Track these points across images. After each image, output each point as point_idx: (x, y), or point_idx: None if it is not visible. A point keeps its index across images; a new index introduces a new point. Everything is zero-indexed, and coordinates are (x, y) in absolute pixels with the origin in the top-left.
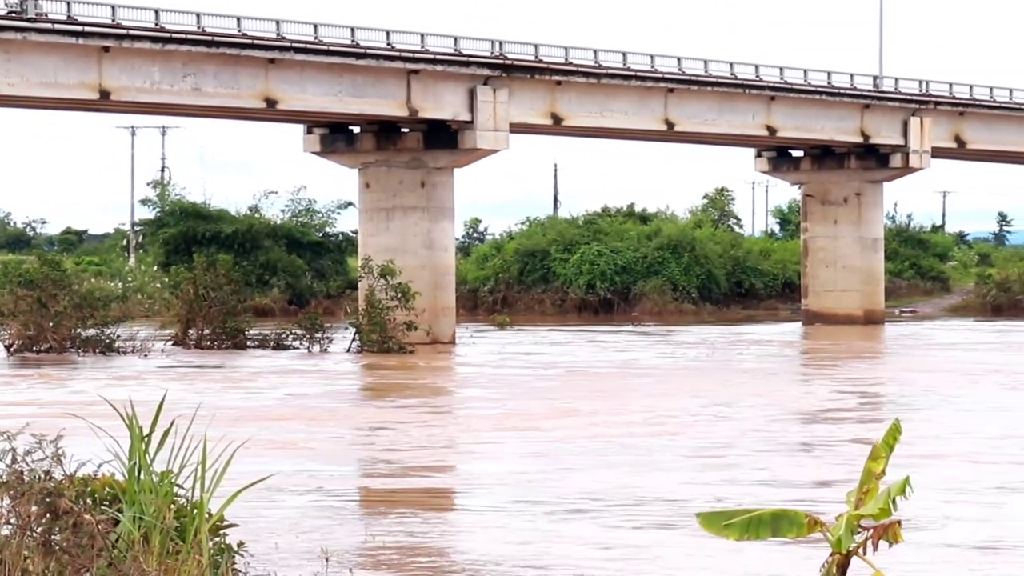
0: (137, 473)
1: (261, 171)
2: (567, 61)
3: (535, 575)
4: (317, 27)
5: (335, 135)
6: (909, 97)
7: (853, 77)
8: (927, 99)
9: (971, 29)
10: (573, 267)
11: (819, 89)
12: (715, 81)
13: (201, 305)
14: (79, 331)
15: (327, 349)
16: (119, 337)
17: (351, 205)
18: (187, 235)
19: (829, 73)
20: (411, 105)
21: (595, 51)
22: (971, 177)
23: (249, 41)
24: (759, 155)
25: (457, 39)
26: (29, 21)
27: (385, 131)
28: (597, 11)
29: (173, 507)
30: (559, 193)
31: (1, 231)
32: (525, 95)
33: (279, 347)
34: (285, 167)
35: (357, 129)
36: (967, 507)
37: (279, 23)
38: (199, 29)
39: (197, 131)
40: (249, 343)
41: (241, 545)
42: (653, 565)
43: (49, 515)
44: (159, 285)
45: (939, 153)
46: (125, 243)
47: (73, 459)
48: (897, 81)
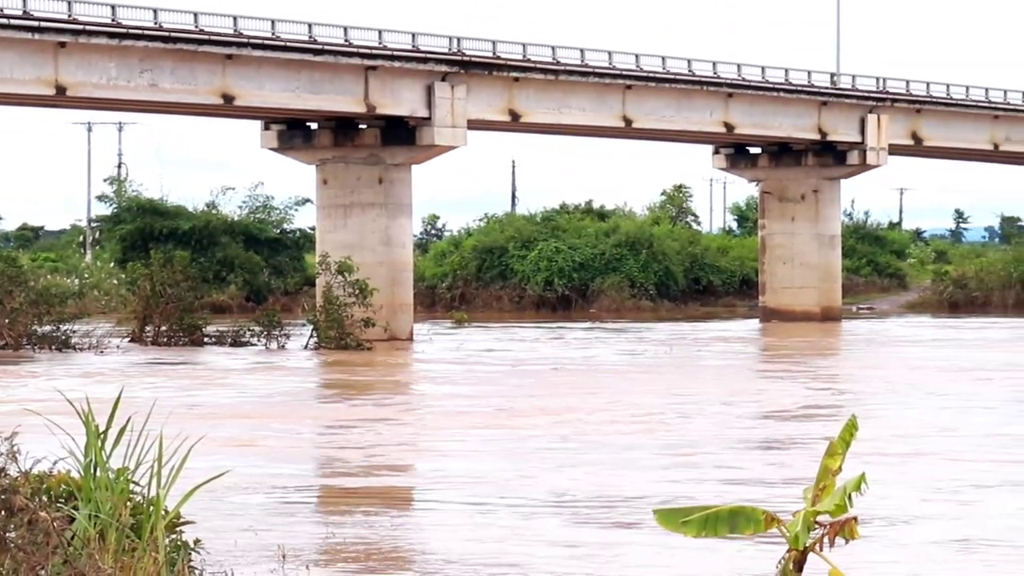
0: (93, 470)
1: (218, 167)
2: (525, 58)
3: (496, 572)
4: (275, 23)
5: (293, 131)
6: (866, 94)
7: (810, 74)
8: (884, 96)
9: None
10: (531, 264)
11: (777, 86)
12: (673, 78)
13: (158, 302)
14: (35, 328)
15: (284, 346)
16: (75, 334)
17: (309, 201)
18: (144, 231)
19: (787, 70)
20: (369, 102)
21: (553, 48)
22: (928, 174)
23: (206, 37)
24: (717, 152)
25: (415, 36)
26: None
27: (343, 127)
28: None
29: (129, 504)
30: (517, 190)
31: None
32: (483, 92)
33: (236, 344)
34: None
35: (315, 125)
36: (944, 505)
37: (236, 19)
38: (156, 25)
39: (154, 127)
40: (206, 340)
41: (198, 542)
42: (617, 564)
43: (4, 512)
44: (116, 282)
45: (896, 150)
46: (82, 239)
47: (28, 456)
48: (854, 78)
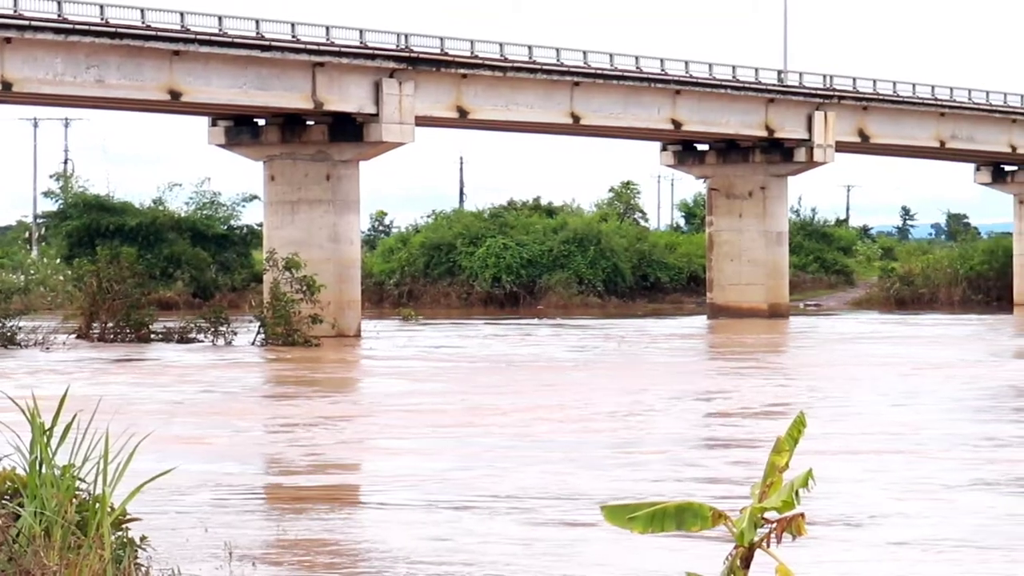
0: (38, 467)
1: (165, 163)
2: (473, 54)
3: (447, 570)
4: (222, 19)
5: (240, 127)
6: (813, 92)
7: (758, 71)
8: (831, 94)
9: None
10: (479, 260)
11: (724, 83)
12: (621, 75)
13: (104, 298)
14: None
15: (231, 342)
16: (21, 330)
17: (256, 198)
18: (90, 228)
19: (734, 67)
20: (316, 98)
21: (501, 44)
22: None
23: (153, 33)
24: (664, 149)
25: (363, 32)
26: None
27: (290, 124)
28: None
29: (75, 501)
30: (465, 186)
31: None
32: (431, 88)
33: (183, 340)
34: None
35: (262, 121)
36: (916, 504)
37: (183, 15)
38: (102, 21)
39: (101, 123)
40: (153, 336)
41: (144, 539)
42: (571, 562)
43: None
44: (62, 278)
45: (843, 147)
46: (27, 235)
47: None
48: (801, 76)
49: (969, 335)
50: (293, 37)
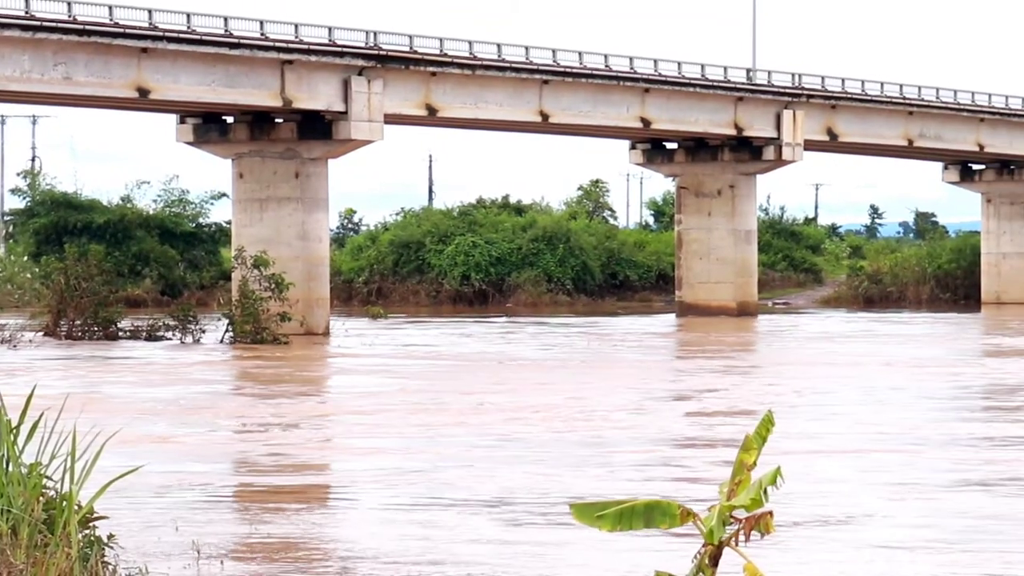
0: (5, 465)
1: (133, 161)
2: (442, 52)
3: (418, 570)
4: (190, 17)
5: (208, 125)
6: (782, 90)
7: (727, 70)
8: (800, 92)
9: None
10: (448, 258)
11: (693, 82)
12: (590, 73)
13: (72, 296)
14: None
15: (200, 340)
16: None
17: (225, 196)
18: (58, 225)
19: (703, 66)
20: (285, 95)
21: (470, 42)
22: (843, 170)
23: (121, 30)
24: (634, 147)
25: (331, 29)
26: None
27: (259, 121)
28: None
29: (42, 499)
30: (434, 184)
31: None
32: (400, 86)
33: (151, 338)
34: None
35: (231, 119)
36: (909, 504)
37: (151, 12)
38: (70, 18)
39: (68, 120)
40: (121, 334)
41: (111, 537)
42: (545, 561)
43: None
44: (29, 275)
45: (812, 146)
46: None
47: None
48: (770, 74)
49: (941, 333)
50: (262, 35)
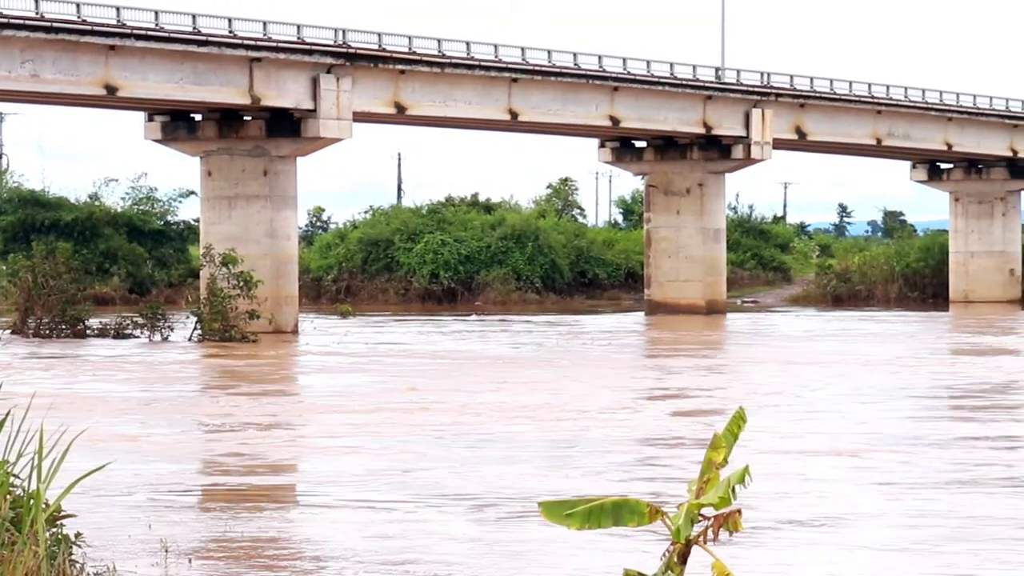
0: None
1: (101, 158)
2: (411, 50)
3: (387, 568)
4: (158, 14)
5: (176, 122)
6: (750, 89)
7: (696, 69)
8: (768, 91)
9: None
10: (417, 256)
11: (662, 80)
12: (559, 71)
13: (40, 293)
14: None
15: (168, 338)
16: None
17: (193, 193)
18: (26, 223)
19: (672, 64)
20: (254, 93)
21: (439, 40)
22: (812, 168)
23: (89, 27)
24: (603, 145)
25: (300, 27)
26: None
27: (227, 119)
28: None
29: (9, 497)
30: (403, 182)
31: None
32: (369, 84)
33: (119, 336)
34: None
35: (199, 117)
36: (897, 504)
37: (119, 9)
38: (37, 15)
39: (36, 118)
40: (89, 332)
41: (79, 536)
42: (519, 561)
43: None
44: None
45: (780, 144)
46: None
47: None
48: (739, 73)
49: (913, 332)
50: (230, 32)
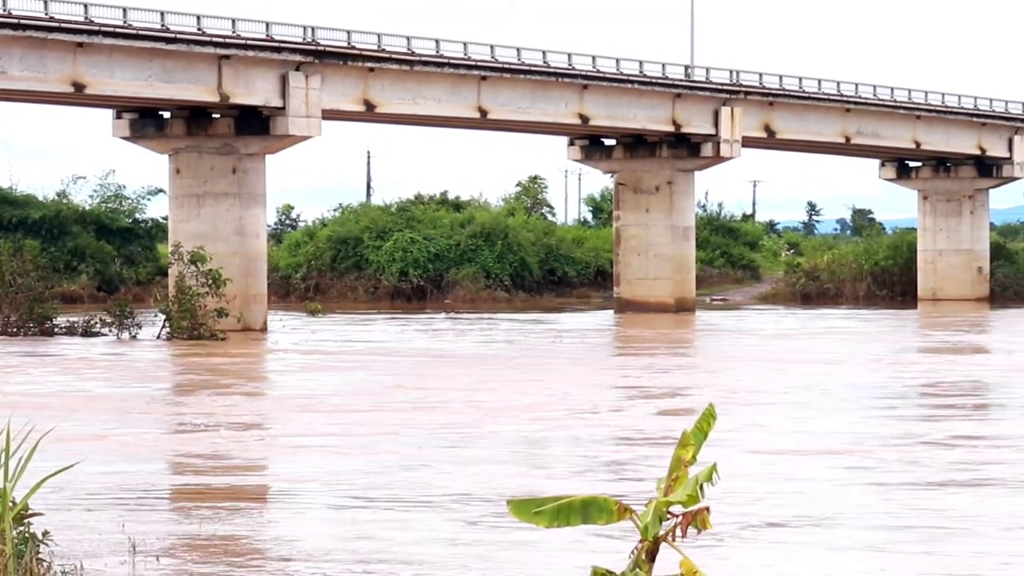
0: None
1: (69, 156)
2: (380, 48)
3: (350, 569)
4: (126, 11)
5: (145, 120)
6: (720, 87)
7: (665, 67)
8: (737, 89)
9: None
10: (386, 254)
11: (631, 78)
12: (528, 69)
13: (7, 291)
14: None
15: (136, 336)
16: None
17: (161, 191)
18: None
19: (641, 63)
20: (222, 91)
21: (408, 38)
22: (781, 166)
23: (56, 24)
24: (572, 143)
25: (269, 24)
26: None
27: (196, 117)
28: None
29: None
30: (372, 180)
31: None
32: (338, 81)
33: (87, 334)
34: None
35: (167, 114)
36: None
37: (87, 6)
38: (5, 12)
39: (3, 115)
40: (57, 330)
41: (46, 534)
42: (491, 561)
43: None
44: None
45: (749, 142)
46: None
47: None
48: (708, 71)
49: (886, 330)
50: (199, 29)
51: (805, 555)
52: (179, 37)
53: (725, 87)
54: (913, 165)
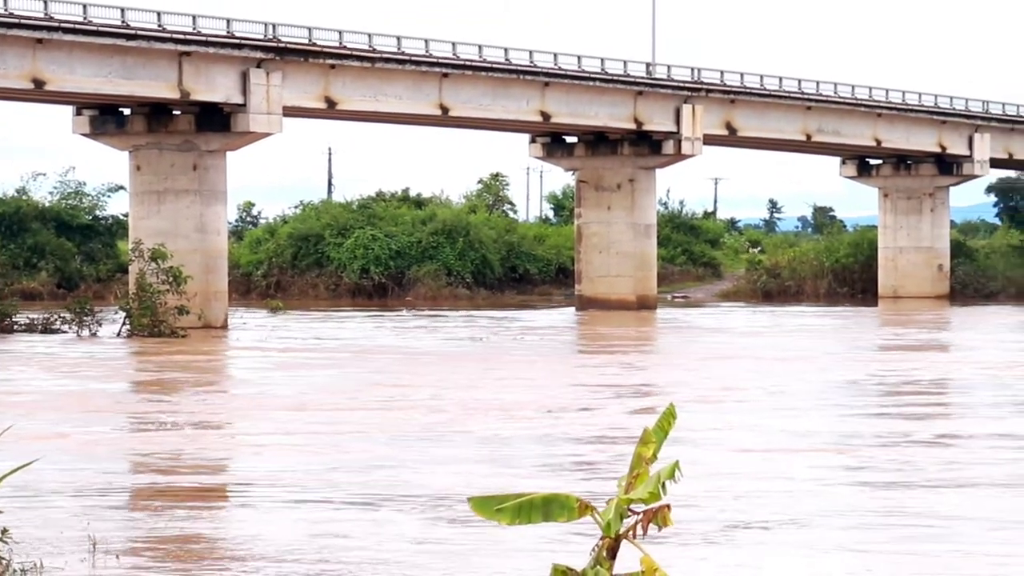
0: None
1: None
2: (341, 45)
3: (307, 568)
4: (86, 7)
5: (105, 117)
6: (681, 84)
7: (626, 64)
8: (699, 87)
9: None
10: (347, 252)
11: (593, 76)
12: (490, 67)
13: None
14: None
15: (96, 333)
16: None
17: (122, 188)
18: None
19: (603, 60)
20: (183, 87)
21: (369, 35)
22: (742, 164)
23: (16, 20)
24: (533, 141)
25: (230, 21)
26: None
27: (156, 113)
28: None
29: None
30: (333, 177)
31: None
32: (299, 78)
33: (47, 331)
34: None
35: (128, 111)
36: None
37: (47, 2)
38: None
39: None
40: (16, 327)
41: (5, 532)
42: (452, 561)
43: None
44: None
45: (711, 140)
46: None
47: None
48: (670, 68)
49: (850, 327)
50: (159, 26)
51: (785, 555)
52: (140, 34)
53: (687, 85)
54: (874, 163)
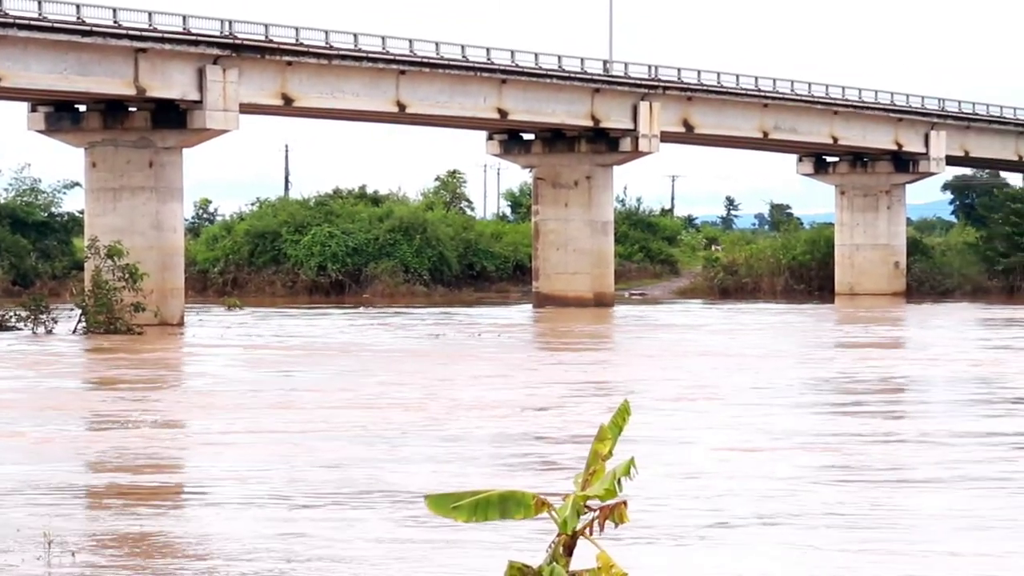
0: None
1: None
2: (298, 42)
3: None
4: (41, 3)
5: (60, 113)
6: (638, 82)
7: (584, 61)
8: (656, 84)
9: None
10: (304, 248)
11: (550, 73)
12: (447, 64)
13: None
14: None
15: (52, 331)
16: None
17: (78, 185)
18: None
19: (560, 57)
20: (139, 84)
21: (326, 32)
22: (699, 161)
23: None
24: (491, 138)
25: (186, 17)
26: None
27: (112, 110)
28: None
29: None
30: (290, 174)
31: None
32: (255, 75)
33: (2, 329)
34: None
35: (83, 108)
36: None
37: None
38: None
39: None
40: None
41: None
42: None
43: None
44: None
45: (668, 137)
46: None
47: None
48: (627, 66)
49: (808, 325)
50: (115, 22)
51: (762, 554)
52: (95, 30)
53: (644, 82)
54: (831, 160)
